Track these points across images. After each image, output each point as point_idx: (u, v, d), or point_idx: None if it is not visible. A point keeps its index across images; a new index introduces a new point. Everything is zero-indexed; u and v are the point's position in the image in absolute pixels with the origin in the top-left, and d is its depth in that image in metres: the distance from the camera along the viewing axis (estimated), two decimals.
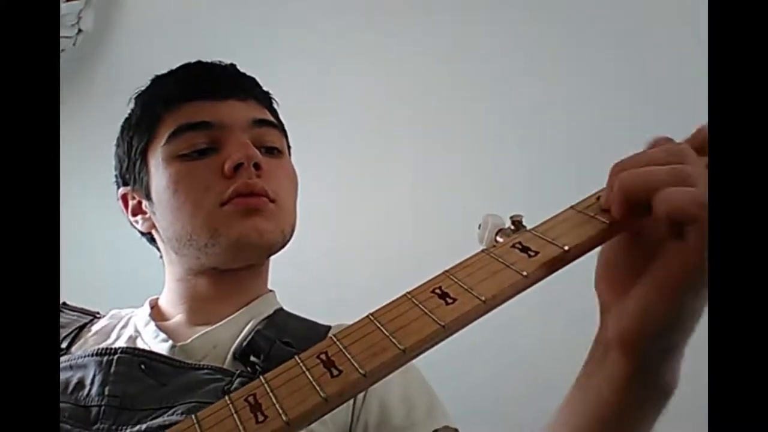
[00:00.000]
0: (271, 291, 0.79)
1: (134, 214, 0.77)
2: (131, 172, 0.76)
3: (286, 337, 0.66)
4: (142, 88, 0.78)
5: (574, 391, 0.46)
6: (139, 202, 0.76)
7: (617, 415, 0.43)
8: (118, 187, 0.79)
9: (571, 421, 0.45)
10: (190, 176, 0.69)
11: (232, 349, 0.66)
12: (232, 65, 0.79)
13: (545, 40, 1.36)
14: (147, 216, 0.75)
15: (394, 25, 1.57)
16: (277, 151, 0.74)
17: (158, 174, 0.72)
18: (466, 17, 1.47)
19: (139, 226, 0.77)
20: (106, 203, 1.99)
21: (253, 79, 0.79)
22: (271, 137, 0.74)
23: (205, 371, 0.62)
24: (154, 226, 0.75)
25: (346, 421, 0.66)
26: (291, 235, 0.75)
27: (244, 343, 0.66)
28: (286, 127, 0.82)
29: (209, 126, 0.71)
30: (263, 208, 0.69)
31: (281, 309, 0.75)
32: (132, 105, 0.78)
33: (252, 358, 0.64)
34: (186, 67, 0.78)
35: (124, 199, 0.78)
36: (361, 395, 0.66)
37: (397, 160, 1.49)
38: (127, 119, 0.78)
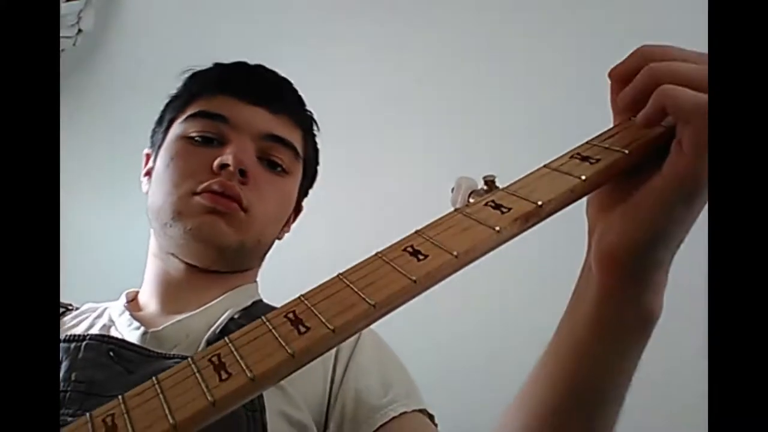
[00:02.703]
0: (253, 282, 0.78)
1: (145, 174, 0.80)
2: (156, 136, 0.79)
3: None
4: (200, 68, 0.81)
5: (561, 323, 0.46)
6: (153, 166, 0.78)
7: (598, 339, 0.42)
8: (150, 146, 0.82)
9: (558, 349, 0.45)
10: (185, 158, 0.72)
11: (205, 338, 0.66)
12: (287, 81, 0.81)
13: (540, 32, 1.37)
14: (150, 180, 0.77)
15: (391, 20, 1.57)
16: (280, 169, 0.75)
17: (166, 146, 0.75)
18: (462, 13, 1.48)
19: (143, 185, 0.79)
20: (105, 202, 1.99)
21: (299, 99, 0.81)
22: (279, 154, 0.75)
23: (175, 360, 0.61)
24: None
25: (323, 404, 0.66)
26: (256, 249, 0.75)
27: (217, 331, 0.65)
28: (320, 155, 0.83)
29: (224, 120, 0.72)
30: (230, 212, 0.69)
31: (260, 300, 0.75)
32: (183, 79, 0.81)
33: None
34: (242, 65, 0.81)
35: (147, 158, 0.81)
36: (338, 380, 0.67)
37: (397, 156, 1.49)
38: (176, 91, 0.81)
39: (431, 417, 0.68)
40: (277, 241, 0.81)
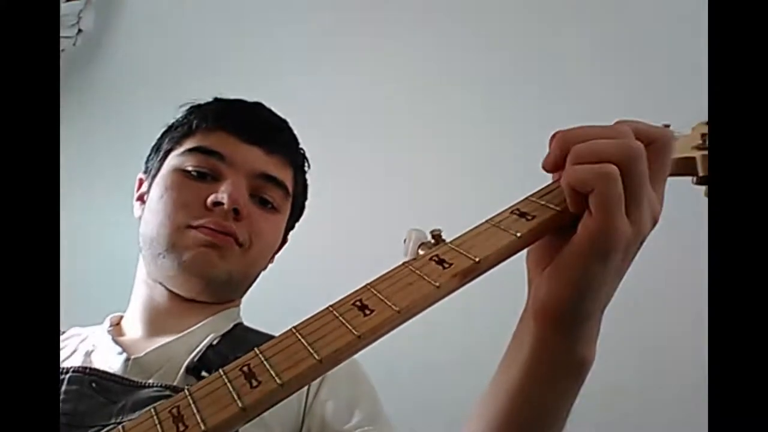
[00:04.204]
0: (235, 307, 0.79)
1: (138, 199, 0.81)
2: (151, 164, 0.80)
3: (240, 352, 0.65)
4: (201, 102, 0.82)
5: (500, 365, 0.48)
6: (146, 192, 0.80)
7: (533, 383, 0.44)
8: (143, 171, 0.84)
9: (496, 390, 0.47)
10: (180, 190, 0.73)
11: (184, 365, 0.67)
12: (284, 120, 0.83)
13: (537, 46, 1.37)
14: (143, 206, 0.78)
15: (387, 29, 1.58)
16: (271, 207, 0.77)
17: (161, 176, 0.76)
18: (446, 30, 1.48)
19: (135, 210, 0.81)
20: (106, 202, 1.99)
21: (295, 139, 0.83)
22: (270, 193, 0.77)
23: (154, 389, 0.62)
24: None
25: (296, 427, 0.66)
26: (242, 282, 0.77)
27: (196, 359, 0.67)
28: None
29: (221, 157, 0.74)
30: (225, 246, 0.71)
31: (240, 323, 0.76)
32: (183, 111, 0.82)
33: (203, 374, 0.65)
34: (240, 102, 0.82)
35: (140, 182, 0.83)
36: (311, 400, 0.68)
37: (392, 166, 1.50)
38: (174, 121, 0.82)
39: None
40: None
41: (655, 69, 1.22)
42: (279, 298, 1.15)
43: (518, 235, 0.41)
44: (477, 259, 0.40)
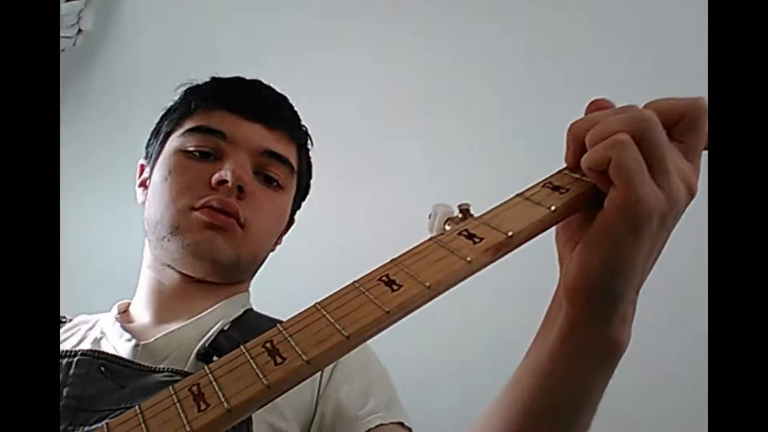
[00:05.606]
0: (245, 291, 0.79)
1: (140, 185, 0.81)
2: (151, 148, 0.80)
3: (251, 337, 0.65)
4: (198, 82, 0.81)
5: (530, 349, 0.46)
6: (148, 177, 0.79)
7: (563, 367, 0.43)
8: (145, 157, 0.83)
9: (525, 373, 0.46)
10: (183, 172, 0.73)
11: (195, 350, 0.66)
12: (283, 96, 0.82)
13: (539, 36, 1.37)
14: (146, 192, 0.78)
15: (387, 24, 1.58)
16: (276, 184, 0.76)
17: (163, 159, 0.76)
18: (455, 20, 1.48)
19: (138, 196, 0.80)
20: (106, 201, 1.99)
21: (296, 115, 0.82)
22: (275, 170, 0.76)
23: (165, 374, 0.62)
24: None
25: (309, 415, 0.66)
26: (252, 264, 0.77)
27: (207, 344, 0.66)
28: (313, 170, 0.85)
29: (223, 136, 0.73)
30: (228, 228, 0.71)
31: (250, 309, 0.76)
32: (181, 92, 0.81)
33: (214, 359, 0.64)
34: (239, 80, 0.81)
35: (141, 168, 0.82)
36: (323, 389, 0.67)
37: (390, 164, 1.49)
38: (173, 103, 0.81)
39: (409, 430, 0.67)
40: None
41: (670, 51, 1.21)
42: (288, 284, 1.15)
43: (552, 209, 0.39)
44: (509, 234, 0.38)
